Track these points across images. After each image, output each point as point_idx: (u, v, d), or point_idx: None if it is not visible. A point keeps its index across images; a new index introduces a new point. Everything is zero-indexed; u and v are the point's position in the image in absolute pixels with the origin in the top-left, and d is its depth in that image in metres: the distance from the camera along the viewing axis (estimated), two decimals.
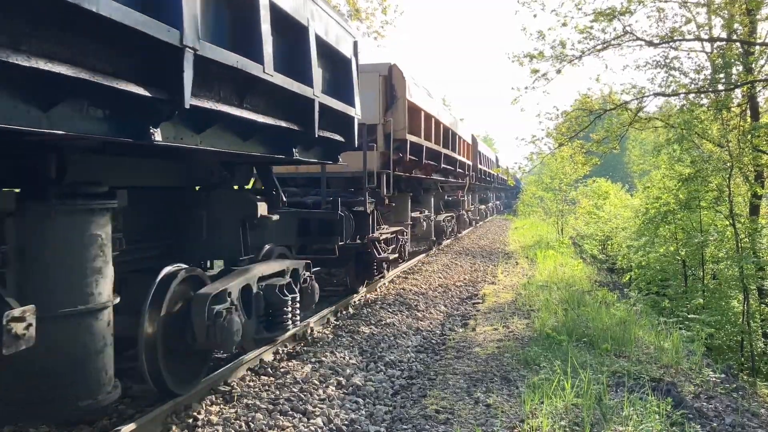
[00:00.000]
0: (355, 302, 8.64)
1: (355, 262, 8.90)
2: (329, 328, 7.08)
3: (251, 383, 4.98)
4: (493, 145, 74.40)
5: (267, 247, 5.81)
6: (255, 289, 4.96)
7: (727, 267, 14.08)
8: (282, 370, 5.33)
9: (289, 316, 5.26)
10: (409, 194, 12.48)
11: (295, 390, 4.81)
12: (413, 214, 12.96)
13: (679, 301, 14.26)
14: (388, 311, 8.11)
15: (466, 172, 18.64)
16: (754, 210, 14.09)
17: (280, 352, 5.93)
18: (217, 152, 4.12)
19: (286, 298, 5.19)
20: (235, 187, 5.57)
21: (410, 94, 10.29)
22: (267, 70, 4.07)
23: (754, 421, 4.99)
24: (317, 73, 5.17)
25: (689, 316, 11.19)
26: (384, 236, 9.48)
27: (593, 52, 13.01)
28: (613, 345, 6.40)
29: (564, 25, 13.01)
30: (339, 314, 7.88)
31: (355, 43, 6.37)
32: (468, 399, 4.82)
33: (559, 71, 13.23)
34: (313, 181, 9.06)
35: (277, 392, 4.77)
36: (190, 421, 4.13)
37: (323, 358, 5.68)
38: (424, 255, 14.68)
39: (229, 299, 4.39)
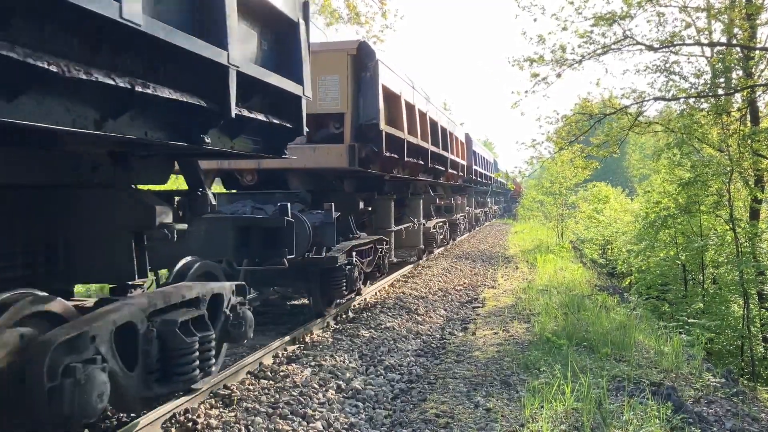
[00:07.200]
0: (354, 306, 8.64)
1: (320, 280, 7.36)
2: (329, 332, 7.07)
3: (251, 387, 4.98)
4: (493, 149, 74.52)
5: (180, 264, 4.39)
6: (143, 328, 3.45)
7: (727, 271, 14.11)
8: (281, 373, 5.32)
9: (196, 364, 3.73)
10: (392, 197, 11.02)
11: (295, 393, 4.80)
12: (397, 221, 11.46)
13: (679, 305, 14.27)
14: (388, 315, 8.10)
15: (460, 173, 17.35)
16: (754, 214, 14.13)
17: (280, 356, 5.93)
18: (72, 133, 2.77)
19: (192, 339, 3.68)
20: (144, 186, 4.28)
21: (385, 78, 8.59)
22: (127, 13, 2.61)
23: (755, 426, 4.98)
24: (235, 31, 3.73)
25: (689, 321, 11.20)
26: (358, 246, 8.06)
27: (593, 57, 13.05)
28: (613, 349, 6.40)
29: (564, 29, 13.08)
30: (338, 318, 7.87)
31: (305, 4, 4.95)
32: (468, 403, 4.81)
33: (559, 75, 13.27)
34: (269, 179, 7.78)
35: (277, 396, 4.77)
36: (190, 425, 4.13)
37: (323, 362, 5.68)
38: (410, 267, 13.18)
39: (92, 346, 3.00)
